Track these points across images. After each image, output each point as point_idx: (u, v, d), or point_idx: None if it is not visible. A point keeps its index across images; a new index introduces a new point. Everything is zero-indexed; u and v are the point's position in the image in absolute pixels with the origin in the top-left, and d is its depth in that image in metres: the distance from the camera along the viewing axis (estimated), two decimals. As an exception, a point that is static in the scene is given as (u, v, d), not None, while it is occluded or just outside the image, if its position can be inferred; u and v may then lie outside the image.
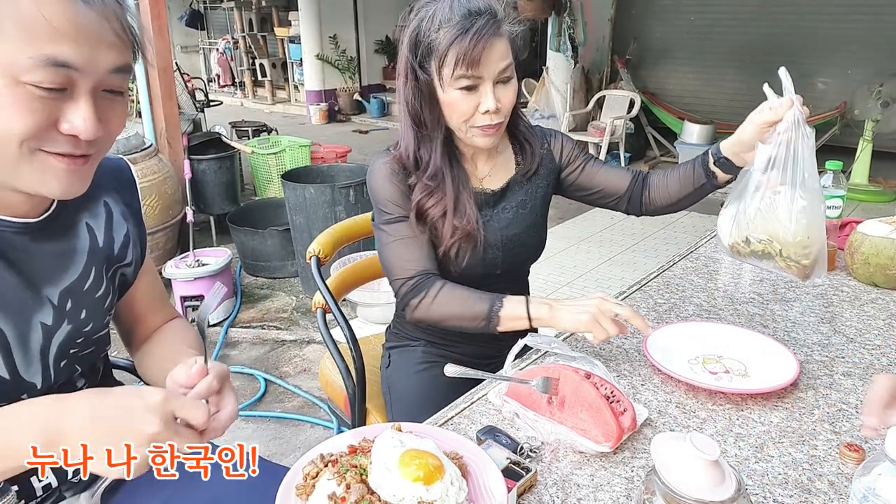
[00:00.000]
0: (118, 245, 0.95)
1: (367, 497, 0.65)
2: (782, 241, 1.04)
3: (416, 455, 0.68)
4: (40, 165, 0.70)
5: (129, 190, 0.99)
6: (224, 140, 4.51)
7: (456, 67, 1.12)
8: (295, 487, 0.71)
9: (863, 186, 5.16)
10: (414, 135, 1.23)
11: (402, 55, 1.21)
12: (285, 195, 3.40)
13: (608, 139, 5.87)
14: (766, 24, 6.59)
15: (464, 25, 1.11)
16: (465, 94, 1.15)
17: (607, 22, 6.73)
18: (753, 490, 0.83)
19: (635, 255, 4.18)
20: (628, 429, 0.92)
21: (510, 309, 1.15)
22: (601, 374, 1.00)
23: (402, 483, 0.65)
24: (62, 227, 0.86)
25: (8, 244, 0.79)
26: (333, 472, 0.70)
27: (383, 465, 0.68)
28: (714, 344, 1.17)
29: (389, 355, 1.46)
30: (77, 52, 0.67)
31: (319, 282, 1.46)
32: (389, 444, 0.70)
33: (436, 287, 1.19)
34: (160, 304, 1.09)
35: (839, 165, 1.56)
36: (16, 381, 0.80)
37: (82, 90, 0.69)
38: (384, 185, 1.24)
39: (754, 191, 1.06)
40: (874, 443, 0.92)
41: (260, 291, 3.62)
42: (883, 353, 1.18)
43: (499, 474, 0.74)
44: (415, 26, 1.18)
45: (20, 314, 0.80)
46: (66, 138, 0.70)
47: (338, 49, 9.40)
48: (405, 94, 1.21)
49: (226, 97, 10.67)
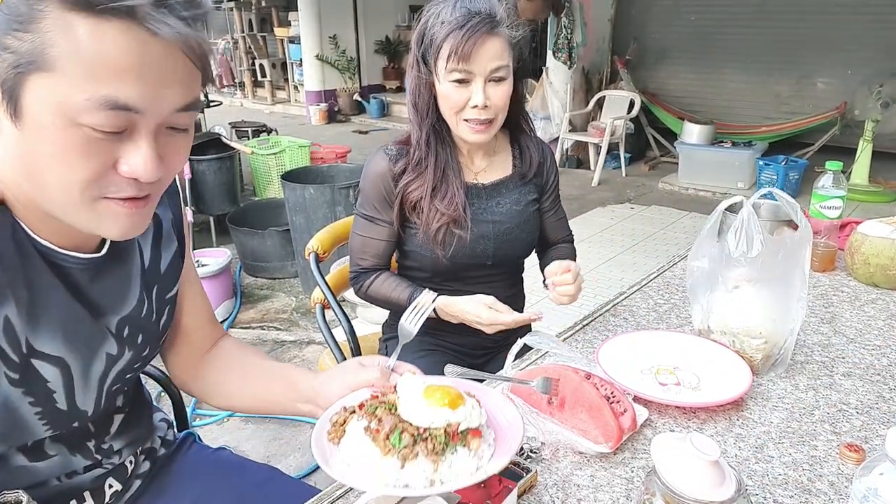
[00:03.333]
0: (165, 264, 0.89)
1: (399, 425, 0.70)
2: (733, 331, 1.12)
3: (437, 387, 0.74)
4: (101, 211, 0.65)
5: (174, 198, 0.92)
6: (224, 140, 4.50)
7: (449, 60, 1.20)
8: (326, 433, 0.75)
9: (863, 187, 5.16)
10: (416, 120, 1.31)
11: (411, 49, 1.30)
12: (285, 195, 3.40)
13: (608, 139, 5.88)
14: (766, 24, 6.59)
15: (460, 22, 1.19)
16: (457, 87, 1.23)
17: (607, 22, 6.73)
18: (753, 490, 0.83)
19: (635, 256, 4.17)
20: (628, 429, 0.91)
21: None
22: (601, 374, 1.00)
23: (431, 409, 0.71)
24: (118, 254, 0.82)
25: (74, 279, 0.75)
26: (362, 413, 0.74)
27: (410, 397, 0.73)
28: (673, 355, 1.14)
29: (386, 347, 1.50)
30: (140, 94, 0.60)
31: (318, 277, 1.47)
32: (412, 382, 0.77)
33: (370, 280, 1.38)
34: (209, 319, 1.02)
35: (839, 166, 1.55)
36: (71, 411, 0.78)
37: (143, 131, 0.62)
38: (371, 183, 1.34)
39: (719, 283, 1.14)
40: (874, 443, 0.92)
41: (260, 292, 3.62)
42: (883, 354, 1.18)
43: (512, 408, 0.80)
44: (423, 23, 1.26)
45: (87, 346, 0.77)
46: (126, 181, 0.64)
47: (338, 49, 9.40)
48: (410, 85, 1.30)
49: (225, 97, 10.67)
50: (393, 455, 0.68)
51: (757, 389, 1.06)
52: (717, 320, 1.15)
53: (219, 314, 3.20)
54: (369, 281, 1.38)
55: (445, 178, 1.31)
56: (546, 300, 1.30)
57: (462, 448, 0.70)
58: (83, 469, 0.84)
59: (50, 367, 0.73)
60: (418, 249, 1.35)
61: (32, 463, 0.79)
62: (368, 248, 1.37)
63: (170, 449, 1.03)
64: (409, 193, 1.31)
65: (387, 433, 0.69)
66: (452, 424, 0.70)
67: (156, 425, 1.03)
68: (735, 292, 1.13)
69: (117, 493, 0.91)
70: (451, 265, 1.34)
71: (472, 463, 0.69)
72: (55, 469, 0.81)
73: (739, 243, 1.10)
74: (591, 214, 4.96)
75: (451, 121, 1.28)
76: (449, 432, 0.69)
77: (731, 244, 1.11)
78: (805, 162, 5.38)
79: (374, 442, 0.70)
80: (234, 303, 3.40)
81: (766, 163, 5.29)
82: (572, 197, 5.44)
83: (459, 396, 0.73)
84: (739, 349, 1.11)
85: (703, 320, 1.18)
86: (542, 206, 1.48)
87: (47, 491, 0.81)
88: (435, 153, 1.31)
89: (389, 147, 1.35)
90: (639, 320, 1.33)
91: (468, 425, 0.71)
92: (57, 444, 0.81)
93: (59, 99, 0.58)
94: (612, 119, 5.95)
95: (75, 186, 0.62)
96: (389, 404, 0.74)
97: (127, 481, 0.92)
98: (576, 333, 1.28)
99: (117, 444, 0.89)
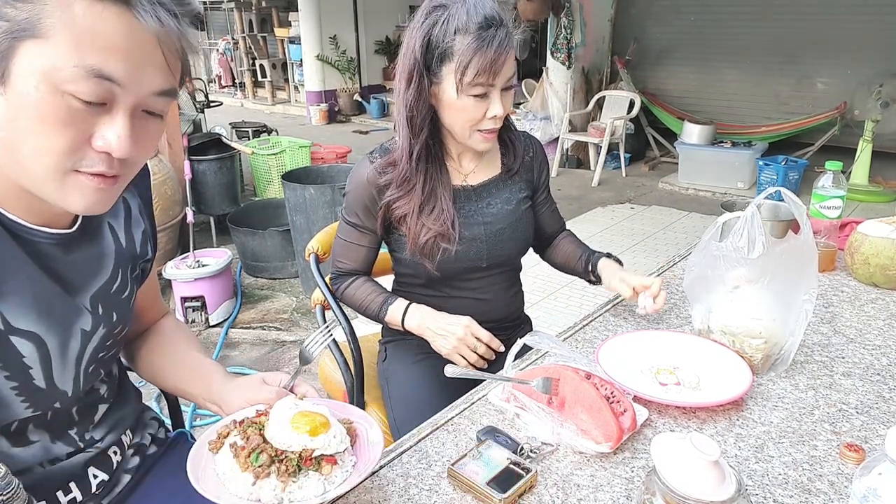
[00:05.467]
0: (139, 243, 0.94)
1: (261, 446, 0.77)
2: (733, 331, 1.12)
3: (306, 414, 0.80)
4: (70, 183, 0.68)
5: (143, 182, 0.97)
6: (224, 141, 4.51)
7: (477, 76, 1.17)
8: (208, 443, 0.82)
9: (863, 187, 5.16)
10: (407, 135, 1.26)
11: (407, 57, 1.22)
12: (285, 196, 3.40)
13: (608, 139, 5.88)
14: (766, 24, 6.59)
15: (484, 37, 1.16)
16: (476, 101, 1.21)
17: (607, 22, 6.73)
18: (753, 490, 0.83)
19: (635, 256, 4.17)
20: (628, 429, 0.92)
21: (392, 314, 1.32)
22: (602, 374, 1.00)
23: (291, 434, 0.78)
24: (90, 233, 0.85)
25: (46, 254, 0.77)
26: (239, 429, 0.81)
27: (277, 420, 0.80)
28: (673, 355, 1.14)
29: (385, 349, 1.49)
30: (125, 69, 0.64)
31: (319, 278, 1.47)
32: (286, 406, 0.83)
33: (346, 283, 1.39)
34: (155, 299, 1.09)
35: (839, 166, 1.56)
36: (50, 391, 0.80)
37: (121, 107, 0.66)
38: (355, 191, 1.32)
39: (719, 284, 1.14)
40: (874, 443, 0.92)
41: (260, 292, 3.62)
42: (883, 353, 1.18)
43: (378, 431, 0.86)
44: (426, 30, 1.19)
45: (62, 322, 0.79)
46: (99, 156, 0.67)
47: (338, 50, 9.41)
48: (405, 96, 1.23)
49: (226, 98, 10.67)
50: (248, 472, 0.75)
51: (757, 389, 1.06)
52: (716, 320, 1.16)
53: (219, 314, 3.20)
54: (345, 285, 1.39)
55: (434, 194, 1.29)
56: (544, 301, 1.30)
57: (314, 472, 0.76)
58: (66, 455, 0.86)
59: (25, 342, 0.75)
60: (409, 258, 1.34)
61: (14, 449, 0.80)
62: (349, 252, 1.38)
63: (162, 447, 1.04)
64: (396, 209, 1.29)
65: (249, 451, 0.77)
66: (308, 450, 0.77)
67: (146, 423, 1.05)
68: (735, 292, 1.13)
69: (104, 484, 0.91)
70: (443, 273, 1.32)
71: (319, 486, 0.76)
72: (37, 456, 0.82)
73: (741, 244, 1.10)
74: (591, 214, 4.96)
75: (461, 132, 1.25)
76: (304, 456, 0.76)
77: (733, 244, 1.11)
78: (805, 162, 5.38)
79: (236, 458, 0.77)
80: (235, 303, 3.40)
81: (766, 163, 5.29)
82: (572, 197, 5.44)
83: (324, 425, 0.79)
84: (739, 349, 1.11)
85: (703, 320, 1.18)
86: (536, 202, 1.46)
87: (32, 477, 0.82)
88: (424, 170, 1.28)
89: (374, 156, 1.31)
90: (639, 320, 1.33)
91: (323, 452, 0.77)
92: (40, 430, 0.82)
93: (47, 66, 0.62)
94: (612, 119, 5.95)
95: (50, 156, 0.65)
96: (259, 425, 0.81)
97: (114, 474, 0.93)
98: (576, 333, 1.29)
99: (99, 433, 0.91)
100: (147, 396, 2.34)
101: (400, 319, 1.31)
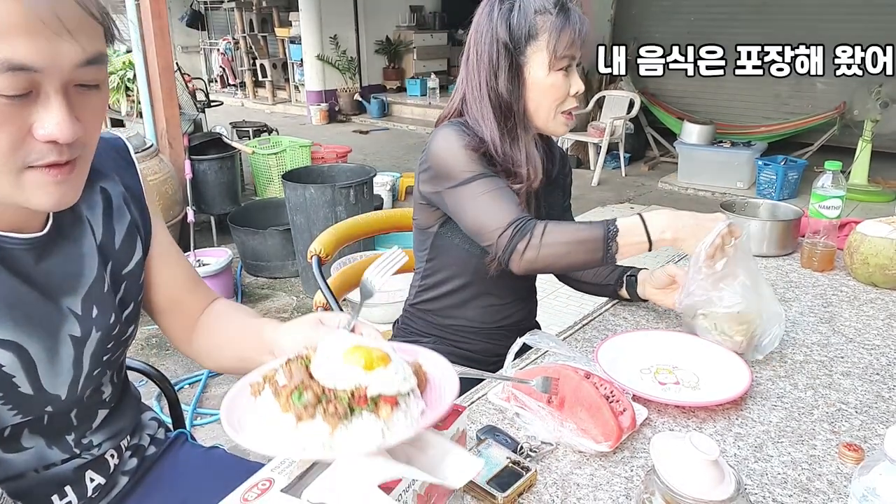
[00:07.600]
0: (120, 238, 0.87)
1: (305, 382, 0.65)
2: (717, 314, 1.12)
3: (361, 347, 0.67)
4: (27, 182, 0.64)
5: (128, 171, 0.90)
6: (225, 140, 4.51)
7: (567, 47, 1.20)
8: (249, 385, 0.70)
9: (862, 187, 5.16)
10: (499, 128, 1.22)
11: (491, 46, 1.21)
12: (286, 195, 3.41)
13: (608, 139, 5.88)
14: (766, 24, 6.58)
15: (565, 12, 1.21)
16: (564, 76, 1.23)
17: (607, 22, 6.73)
18: (753, 490, 0.84)
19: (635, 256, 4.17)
20: (628, 428, 0.92)
21: (628, 236, 1.12)
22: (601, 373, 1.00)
23: (342, 369, 0.65)
24: (66, 233, 0.80)
25: (17, 261, 0.74)
26: (284, 368, 0.69)
27: (325, 354, 0.67)
28: (672, 354, 1.14)
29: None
30: (34, 50, 0.58)
31: (321, 281, 1.46)
32: (337, 339, 0.70)
33: (541, 225, 1.13)
34: (194, 285, 1.00)
35: (838, 166, 1.56)
36: (39, 396, 0.77)
37: (50, 90, 0.61)
38: (461, 151, 1.19)
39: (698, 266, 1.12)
40: (873, 443, 0.93)
41: (260, 291, 3.62)
42: (882, 353, 1.18)
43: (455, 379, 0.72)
44: (505, 16, 1.21)
45: (46, 329, 0.76)
46: (46, 146, 0.63)
47: (338, 49, 9.40)
48: (492, 85, 1.22)
49: (226, 97, 10.66)
50: (289, 412, 0.63)
51: (756, 389, 1.07)
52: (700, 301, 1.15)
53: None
54: (537, 237, 1.11)
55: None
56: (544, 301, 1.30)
57: (369, 414, 0.63)
58: (61, 461, 0.84)
59: (4, 351, 0.72)
60: (467, 247, 1.27)
61: (8, 455, 0.78)
62: (501, 200, 1.16)
63: (161, 447, 1.02)
64: None
65: (291, 389, 0.64)
66: (360, 387, 0.63)
67: (145, 423, 1.02)
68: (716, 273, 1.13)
69: (101, 487, 0.89)
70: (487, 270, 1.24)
71: (376, 431, 0.62)
72: (31, 462, 0.81)
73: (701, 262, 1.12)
74: (590, 214, 4.96)
75: (546, 114, 1.25)
76: (356, 395, 0.63)
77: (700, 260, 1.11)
78: (804, 162, 5.38)
79: (277, 398, 0.65)
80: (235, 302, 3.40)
81: (766, 163, 5.29)
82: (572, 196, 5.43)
83: (382, 359, 0.66)
84: (721, 332, 1.13)
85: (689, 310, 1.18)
86: (563, 207, 1.49)
87: (26, 483, 0.80)
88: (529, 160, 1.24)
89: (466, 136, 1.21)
90: (638, 320, 1.33)
91: (380, 391, 0.63)
92: (35, 435, 0.80)
93: None
94: (612, 119, 5.95)
95: None
96: (307, 360, 0.68)
97: (111, 476, 0.91)
98: (575, 333, 1.29)
99: (97, 438, 0.88)
100: (147, 396, 2.35)
101: (645, 237, 1.13)
